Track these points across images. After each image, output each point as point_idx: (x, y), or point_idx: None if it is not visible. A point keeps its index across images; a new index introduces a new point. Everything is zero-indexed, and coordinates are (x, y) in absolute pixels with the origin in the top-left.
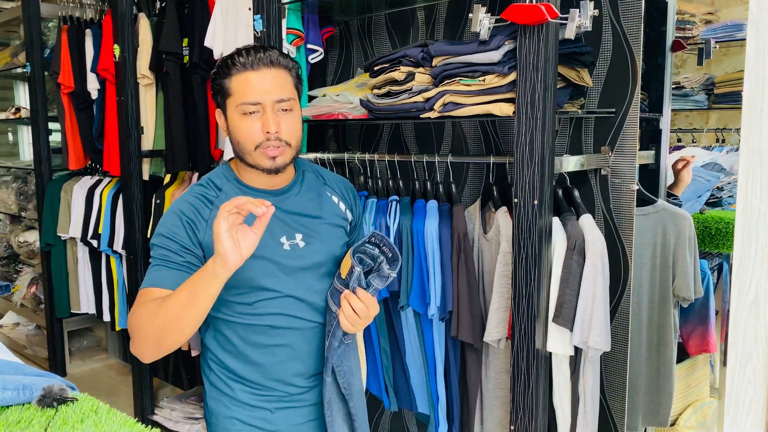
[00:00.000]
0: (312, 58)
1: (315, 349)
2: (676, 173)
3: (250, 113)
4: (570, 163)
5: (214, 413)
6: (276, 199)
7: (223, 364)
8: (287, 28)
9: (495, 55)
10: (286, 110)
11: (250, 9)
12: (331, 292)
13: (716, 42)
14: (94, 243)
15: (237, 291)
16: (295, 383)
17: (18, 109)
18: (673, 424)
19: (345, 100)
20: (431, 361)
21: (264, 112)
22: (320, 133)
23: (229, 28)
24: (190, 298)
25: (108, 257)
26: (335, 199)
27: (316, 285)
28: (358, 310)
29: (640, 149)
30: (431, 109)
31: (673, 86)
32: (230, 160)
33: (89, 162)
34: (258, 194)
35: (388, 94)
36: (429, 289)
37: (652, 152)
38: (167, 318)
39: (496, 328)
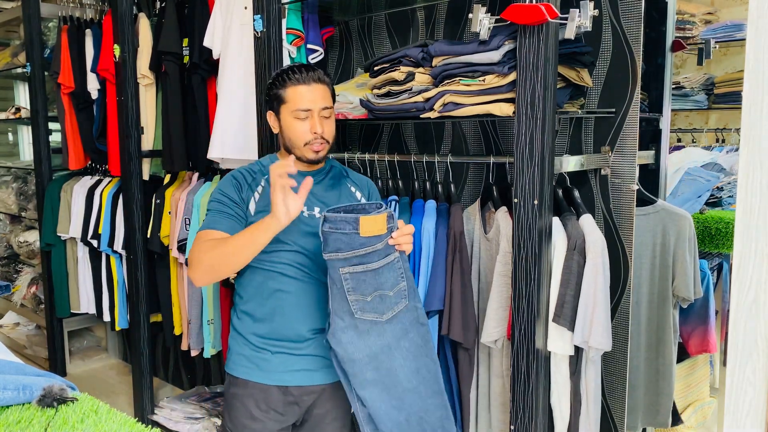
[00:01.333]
0: (312, 58)
1: (316, 302)
2: None
3: (304, 118)
4: (570, 163)
5: (231, 349)
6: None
7: (242, 306)
8: (287, 28)
9: (495, 55)
10: (327, 117)
11: (246, 8)
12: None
13: (716, 42)
14: (94, 243)
15: None
16: (296, 331)
17: (18, 109)
18: (673, 424)
19: (345, 100)
20: None
21: (312, 117)
22: None
23: (227, 27)
24: (247, 242)
25: (108, 257)
26: (353, 189)
27: None
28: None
29: (640, 149)
30: (431, 109)
31: (673, 86)
32: (278, 151)
33: (89, 162)
34: (293, 176)
35: (388, 94)
36: (419, 286)
37: (652, 152)
38: (226, 252)
39: (495, 329)
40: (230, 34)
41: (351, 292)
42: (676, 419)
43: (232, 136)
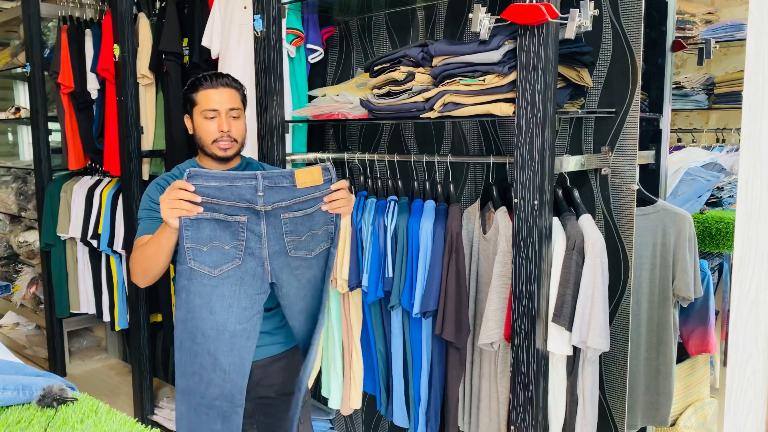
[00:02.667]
0: (312, 58)
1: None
2: None
3: (211, 118)
4: (570, 163)
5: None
6: None
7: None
8: (287, 28)
9: (495, 55)
10: (235, 117)
11: (246, 7)
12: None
13: (716, 42)
14: (94, 243)
15: None
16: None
17: (18, 109)
18: (673, 424)
19: (345, 99)
20: (417, 362)
21: (219, 116)
22: (320, 133)
23: (226, 26)
24: (154, 244)
25: (108, 257)
26: None
27: None
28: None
29: (640, 149)
30: (431, 109)
31: (674, 86)
32: (196, 156)
33: (89, 162)
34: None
35: (388, 94)
36: (416, 287)
37: (653, 152)
38: (145, 257)
39: (493, 330)
40: (230, 34)
41: (288, 234)
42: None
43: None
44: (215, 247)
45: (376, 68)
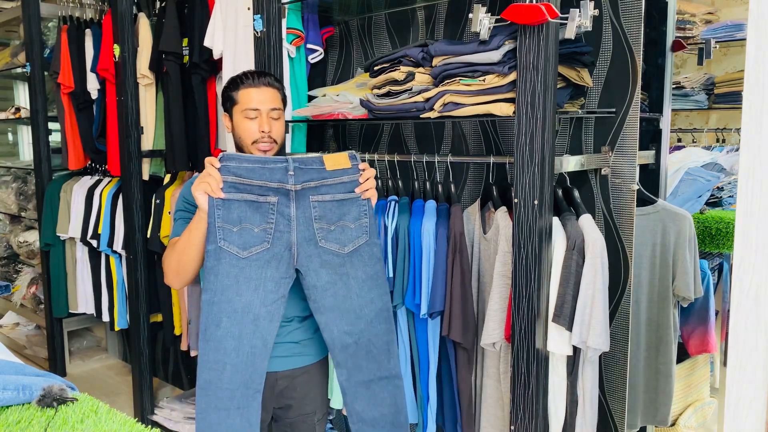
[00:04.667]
0: (312, 58)
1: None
2: None
3: (252, 118)
4: (570, 163)
5: None
6: None
7: None
8: (287, 28)
9: (495, 55)
10: (275, 119)
11: (249, 9)
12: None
13: (716, 42)
14: (94, 243)
15: None
16: None
17: (18, 109)
18: (673, 425)
19: (345, 100)
20: (423, 362)
21: (260, 117)
22: (320, 132)
23: (229, 28)
24: (187, 237)
25: (107, 257)
26: None
27: None
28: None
29: (641, 149)
30: (431, 109)
31: (674, 86)
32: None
33: (89, 162)
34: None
35: (388, 94)
36: (421, 287)
37: (653, 152)
38: (178, 253)
39: (495, 330)
40: (235, 35)
41: (317, 220)
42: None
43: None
44: (245, 229)
45: (376, 68)
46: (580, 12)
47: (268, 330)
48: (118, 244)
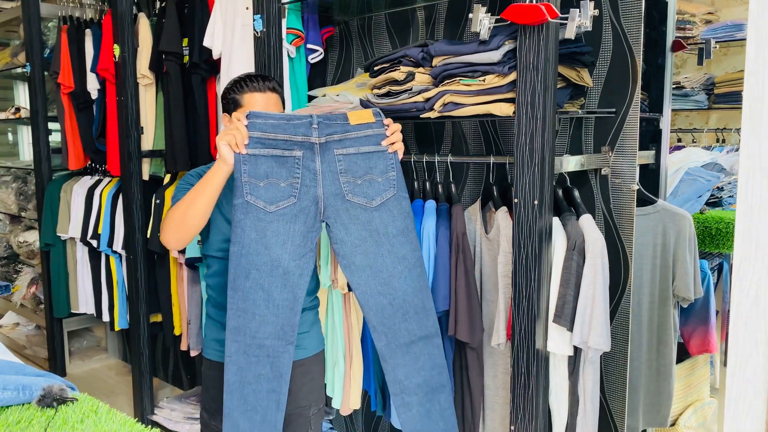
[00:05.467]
0: (312, 58)
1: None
2: None
3: None
4: (570, 163)
5: (207, 336)
6: None
7: (216, 297)
8: (287, 28)
9: (495, 55)
10: None
11: (248, 8)
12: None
13: (716, 42)
14: (94, 243)
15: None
16: None
17: (18, 109)
18: (673, 425)
19: (345, 100)
20: None
21: None
22: None
23: (228, 28)
24: (202, 186)
25: (107, 257)
26: None
27: None
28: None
29: (641, 149)
30: (431, 109)
31: (674, 86)
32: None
33: (89, 162)
34: None
35: (388, 94)
36: None
37: (653, 152)
38: (184, 206)
39: (503, 330)
40: (233, 35)
41: (343, 174)
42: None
43: None
44: (271, 184)
45: (376, 68)
46: (580, 12)
47: (298, 284)
48: (118, 244)
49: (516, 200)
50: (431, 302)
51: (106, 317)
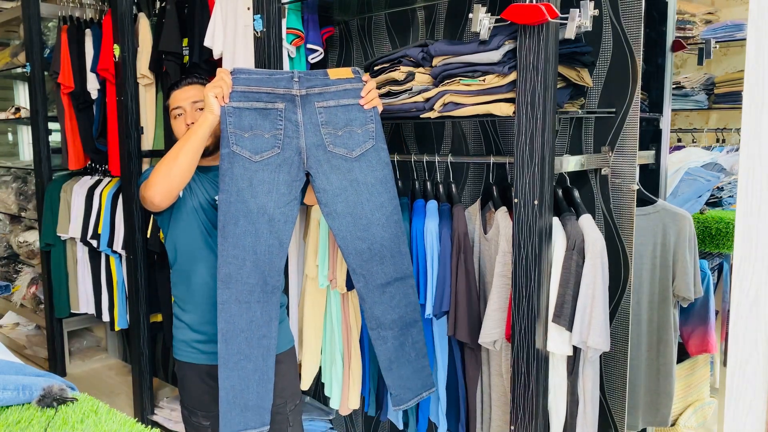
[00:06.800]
0: (312, 58)
1: None
2: None
3: (178, 115)
4: (570, 163)
5: (176, 338)
6: (206, 174)
7: (181, 303)
8: (287, 28)
9: (495, 55)
10: (202, 108)
11: (249, 9)
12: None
13: (716, 42)
14: (94, 243)
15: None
16: None
17: (18, 109)
18: (673, 425)
19: None
20: (429, 361)
21: (185, 112)
22: None
23: (229, 27)
24: (189, 136)
25: (107, 257)
26: None
27: None
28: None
29: (641, 149)
30: (431, 109)
31: (674, 86)
32: None
33: (89, 162)
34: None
35: (388, 94)
36: (427, 288)
37: (653, 152)
38: (170, 158)
39: (494, 329)
40: (235, 35)
41: (324, 125)
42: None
43: None
44: (256, 135)
45: (376, 68)
46: (580, 12)
47: (283, 230)
48: (118, 245)
49: (516, 200)
50: (406, 247)
51: (106, 317)
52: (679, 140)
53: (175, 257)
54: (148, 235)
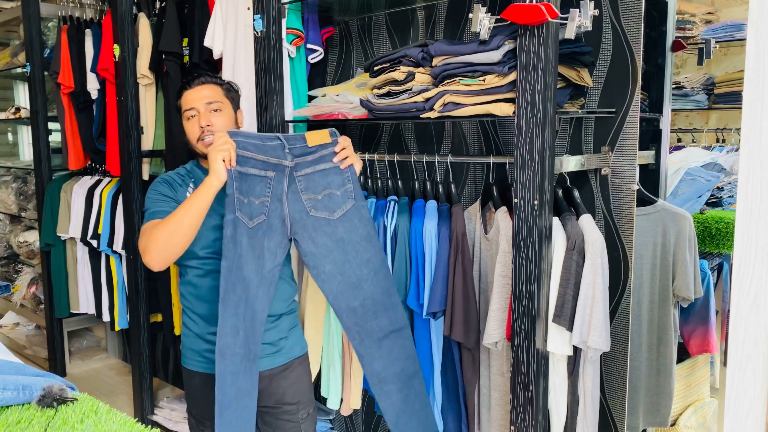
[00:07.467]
0: (312, 58)
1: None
2: None
3: (192, 117)
4: (570, 163)
5: (185, 346)
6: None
7: (192, 307)
8: (287, 28)
9: (495, 55)
10: (216, 110)
11: (249, 9)
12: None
13: (716, 42)
14: (94, 243)
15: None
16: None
17: (18, 109)
18: (673, 425)
19: (345, 100)
20: (425, 362)
21: (198, 113)
22: None
23: (229, 27)
24: (191, 205)
25: (108, 257)
26: None
27: None
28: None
29: (640, 149)
30: (431, 109)
31: (674, 86)
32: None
33: (89, 162)
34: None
35: (388, 94)
36: (424, 287)
37: (653, 152)
38: (173, 223)
39: (496, 330)
40: (235, 35)
41: (304, 192)
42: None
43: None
44: (250, 201)
45: (376, 68)
46: (580, 12)
47: (265, 296)
48: (118, 244)
49: (516, 200)
50: (398, 297)
51: (106, 317)
52: (679, 140)
53: (186, 270)
54: None
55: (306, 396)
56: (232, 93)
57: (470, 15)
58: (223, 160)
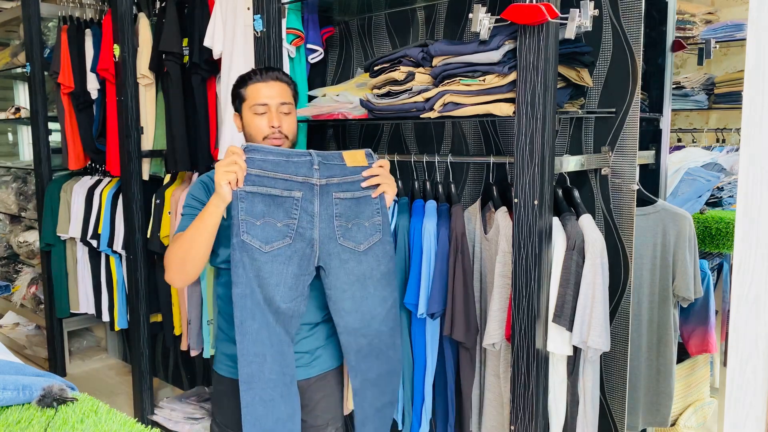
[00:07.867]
0: (312, 58)
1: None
2: None
3: (263, 113)
4: (570, 163)
5: (218, 350)
6: None
7: (228, 310)
8: (287, 28)
9: (495, 55)
10: (286, 113)
11: (249, 9)
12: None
13: (716, 42)
14: (94, 243)
15: None
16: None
17: (18, 109)
18: (673, 425)
19: (345, 100)
20: (419, 362)
21: (270, 111)
22: (320, 132)
23: (229, 27)
24: (198, 226)
25: (107, 257)
26: None
27: None
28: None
29: (640, 149)
30: (431, 109)
31: (674, 86)
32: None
33: (89, 162)
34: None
35: (388, 94)
36: (420, 287)
37: (653, 152)
38: (185, 245)
39: (497, 331)
40: (234, 35)
41: (338, 217)
42: None
43: (241, 135)
44: (268, 223)
45: (376, 68)
46: (580, 12)
47: (290, 324)
48: (118, 244)
49: (516, 200)
50: (399, 339)
51: (106, 317)
52: (679, 140)
53: (221, 271)
54: (148, 235)
55: (335, 412)
56: (296, 93)
57: (470, 15)
58: (229, 183)
